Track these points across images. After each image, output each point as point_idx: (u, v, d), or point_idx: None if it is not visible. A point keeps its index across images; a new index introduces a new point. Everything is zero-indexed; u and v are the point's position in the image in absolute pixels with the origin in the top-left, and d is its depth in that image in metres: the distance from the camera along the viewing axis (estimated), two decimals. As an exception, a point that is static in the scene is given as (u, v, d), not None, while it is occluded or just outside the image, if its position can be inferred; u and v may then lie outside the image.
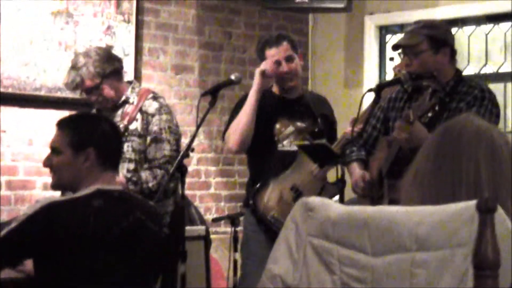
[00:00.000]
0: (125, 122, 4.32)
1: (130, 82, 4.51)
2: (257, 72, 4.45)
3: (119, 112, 4.36)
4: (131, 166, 4.28)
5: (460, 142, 2.09)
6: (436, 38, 3.89)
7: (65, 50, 5.78)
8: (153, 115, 4.33)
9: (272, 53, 4.50)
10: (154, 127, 4.31)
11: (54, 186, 3.23)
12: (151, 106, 4.35)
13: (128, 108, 4.36)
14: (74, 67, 4.32)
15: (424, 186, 2.10)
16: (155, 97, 4.43)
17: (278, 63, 4.49)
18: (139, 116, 4.34)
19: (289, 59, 4.50)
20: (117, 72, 4.37)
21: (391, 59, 4.04)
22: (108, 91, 4.32)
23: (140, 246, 3.07)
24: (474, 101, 3.85)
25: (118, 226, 3.01)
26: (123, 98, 4.37)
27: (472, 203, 1.79)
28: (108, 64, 4.32)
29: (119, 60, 4.43)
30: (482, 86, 3.95)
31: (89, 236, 2.93)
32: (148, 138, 4.31)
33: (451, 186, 2.05)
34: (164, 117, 4.36)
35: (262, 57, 4.56)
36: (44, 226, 2.91)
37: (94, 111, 4.52)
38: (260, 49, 4.58)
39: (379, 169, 4.00)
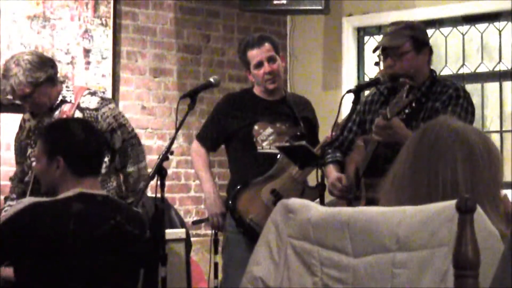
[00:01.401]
0: None
1: (63, 82, 4.45)
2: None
3: (57, 112, 4.32)
4: None
5: (437, 144, 2.10)
6: (418, 38, 3.92)
7: (42, 54, 5.75)
8: (97, 109, 4.30)
9: (254, 54, 4.50)
10: (107, 120, 4.29)
11: (43, 192, 3.26)
12: (91, 101, 4.33)
13: (65, 107, 4.31)
14: (5, 76, 4.21)
15: (401, 189, 2.11)
16: (92, 93, 4.41)
17: (260, 64, 4.49)
18: (78, 113, 4.28)
19: (271, 59, 4.50)
20: (50, 78, 4.25)
21: (377, 63, 4.03)
22: (41, 98, 4.24)
23: (121, 249, 3.06)
24: (449, 100, 3.88)
25: (99, 230, 3.00)
26: (60, 98, 4.32)
27: (452, 203, 1.80)
28: (41, 72, 4.20)
29: (52, 66, 4.31)
30: (456, 85, 3.99)
31: (70, 238, 2.93)
32: (107, 133, 4.28)
33: (427, 188, 2.06)
34: (111, 106, 4.38)
35: (244, 59, 4.56)
36: (25, 226, 2.92)
37: (27, 114, 4.45)
38: (242, 50, 4.58)
39: (356, 169, 4.01)
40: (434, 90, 3.94)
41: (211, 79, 4.08)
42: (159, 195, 3.52)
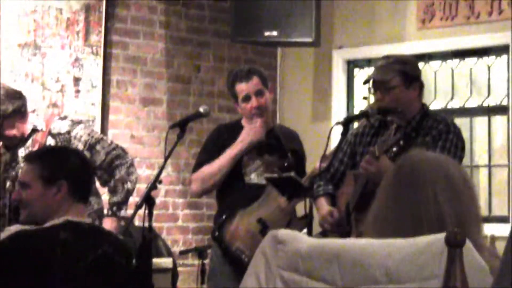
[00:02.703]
0: (36, 148, 4.28)
1: (33, 111, 4.46)
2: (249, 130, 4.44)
3: (29, 142, 4.33)
4: None
5: (415, 179, 2.09)
6: (408, 73, 3.91)
7: (32, 82, 5.76)
8: (69, 132, 4.32)
9: (242, 88, 4.50)
10: (82, 139, 4.30)
11: (25, 221, 3.21)
12: (62, 126, 4.35)
13: (38, 136, 4.32)
14: None
15: (385, 232, 2.09)
16: (62, 118, 4.46)
17: (247, 97, 4.49)
18: (50, 140, 4.30)
19: (258, 93, 4.50)
20: (19, 111, 4.27)
21: (365, 98, 4.05)
22: (9, 130, 4.26)
23: (107, 279, 3.05)
24: (439, 135, 3.88)
25: (85, 259, 2.99)
26: (31, 127, 4.34)
27: (441, 236, 1.79)
28: (9, 104, 4.22)
29: (20, 98, 4.33)
30: (447, 120, 3.99)
31: (56, 267, 2.91)
32: (86, 151, 4.27)
33: (411, 228, 2.05)
34: (82, 126, 4.40)
35: (232, 91, 4.56)
36: (12, 254, 2.91)
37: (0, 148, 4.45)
38: (230, 83, 4.58)
39: (346, 204, 4.01)
40: (425, 124, 3.93)
41: (201, 109, 4.08)
42: (146, 224, 3.51)
